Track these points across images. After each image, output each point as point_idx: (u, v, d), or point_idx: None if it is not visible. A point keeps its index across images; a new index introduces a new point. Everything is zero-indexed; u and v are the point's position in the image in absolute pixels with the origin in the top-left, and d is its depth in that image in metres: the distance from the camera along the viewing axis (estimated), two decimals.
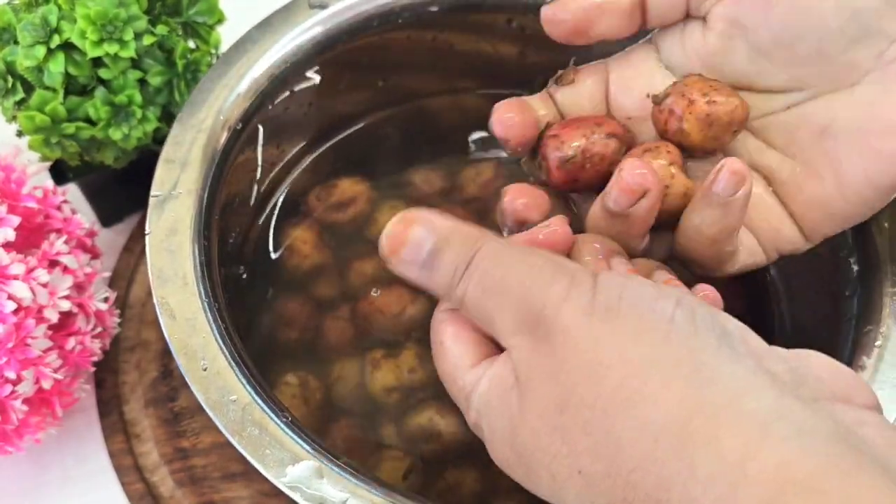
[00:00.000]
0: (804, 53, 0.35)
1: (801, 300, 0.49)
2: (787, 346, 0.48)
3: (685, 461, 0.26)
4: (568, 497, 0.29)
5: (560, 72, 0.39)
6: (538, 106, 0.40)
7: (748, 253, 0.38)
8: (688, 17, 0.38)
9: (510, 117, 0.39)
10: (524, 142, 0.39)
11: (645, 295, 0.29)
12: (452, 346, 0.33)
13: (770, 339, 0.48)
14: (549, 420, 0.29)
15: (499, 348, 0.32)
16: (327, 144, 0.55)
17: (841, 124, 0.36)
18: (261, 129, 0.48)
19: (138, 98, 0.47)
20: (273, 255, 0.51)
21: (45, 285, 0.42)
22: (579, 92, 0.40)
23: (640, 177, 0.33)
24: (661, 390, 0.27)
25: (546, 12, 0.38)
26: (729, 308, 0.50)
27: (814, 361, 0.29)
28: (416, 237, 0.32)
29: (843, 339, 0.40)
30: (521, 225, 0.36)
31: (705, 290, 0.34)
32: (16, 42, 0.46)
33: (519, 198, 0.36)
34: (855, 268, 0.42)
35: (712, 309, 0.29)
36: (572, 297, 0.29)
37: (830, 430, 0.25)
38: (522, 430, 0.29)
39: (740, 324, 0.29)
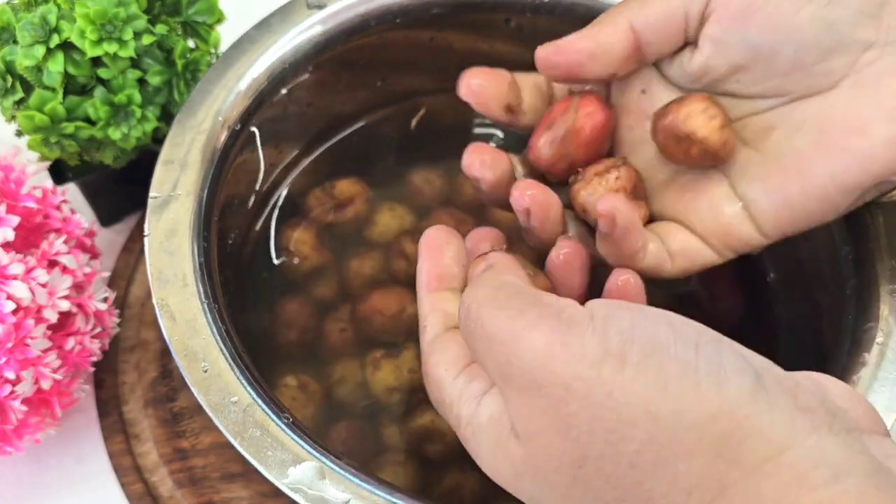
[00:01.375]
0: (781, 65, 0.36)
1: (801, 299, 0.49)
2: (788, 345, 0.48)
3: None
4: None
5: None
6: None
7: (698, 255, 0.39)
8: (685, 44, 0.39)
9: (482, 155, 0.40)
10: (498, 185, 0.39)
11: (660, 339, 0.27)
12: (435, 372, 0.34)
13: (770, 338, 0.48)
14: (567, 473, 0.28)
15: None
16: (326, 145, 0.55)
17: (812, 124, 0.36)
18: (260, 129, 0.48)
19: (138, 98, 0.47)
20: (272, 256, 0.51)
21: (44, 285, 0.42)
22: None
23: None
24: (697, 445, 0.26)
25: (540, 54, 0.39)
26: (729, 308, 0.51)
27: (832, 388, 0.29)
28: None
29: (842, 336, 0.40)
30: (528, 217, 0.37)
31: (625, 273, 0.36)
32: (15, 41, 0.46)
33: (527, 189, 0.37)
34: (854, 266, 0.42)
35: (734, 344, 0.28)
36: (568, 345, 0.27)
37: (865, 469, 0.25)
38: (532, 479, 0.29)
39: (763, 358, 0.28)
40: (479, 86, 0.41)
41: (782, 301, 0.50)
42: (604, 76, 0.39)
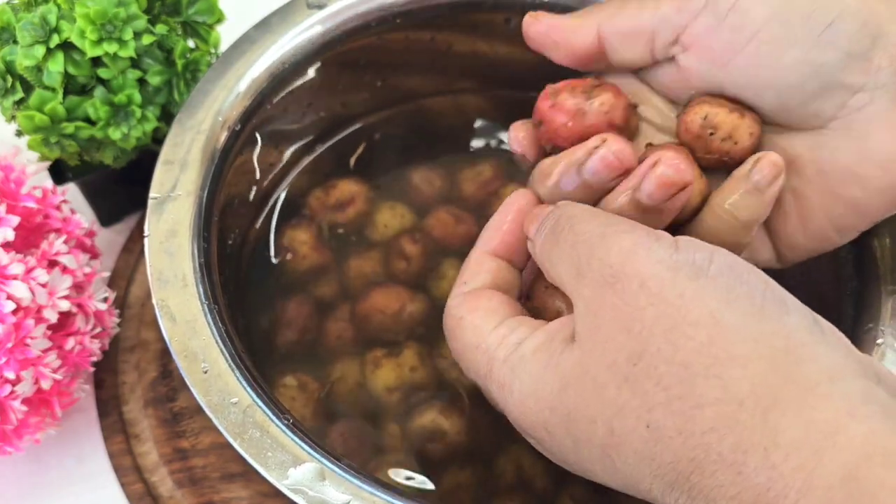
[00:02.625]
0: (766, 105, 0.36)
1: (801, 299, 0.49)
2: None
3: (769, 428, 0.26)
4: (624, 452, 0.28)
5: None
6: None
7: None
8: (655, 62, 0.38)
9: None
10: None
11: (736, 265, 0.29)
12: (471, 317, 0.34)
13: None
14: (619, 371, 0.28)
15: (524, 310, 0.33)
16: (326, 145, 0.55)
17: (804, 164, 0.36)
18: (259, 129, 0.48)
19: (138, 98, 0.47)
20: (272, 256, 0.51)
21: (44, 285, 0.42)
22: None
23: (680, 171, 0.34)
24: (753, 356, 0.27)
25: (525, 20, 0.40)
26: None
27: (877, 365, 0.29)
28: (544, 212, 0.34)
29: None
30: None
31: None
32: (15, 41, 0.46)
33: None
34: (854, 266, 0.42)
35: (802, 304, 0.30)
36: (654, 249, 0.29)
37: None
38: (580, 384, 0.29)
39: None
40: None
41: None
42: (567, 65, 0.39)
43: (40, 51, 0.45)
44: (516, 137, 0.39)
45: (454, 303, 0.35)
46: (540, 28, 0.39)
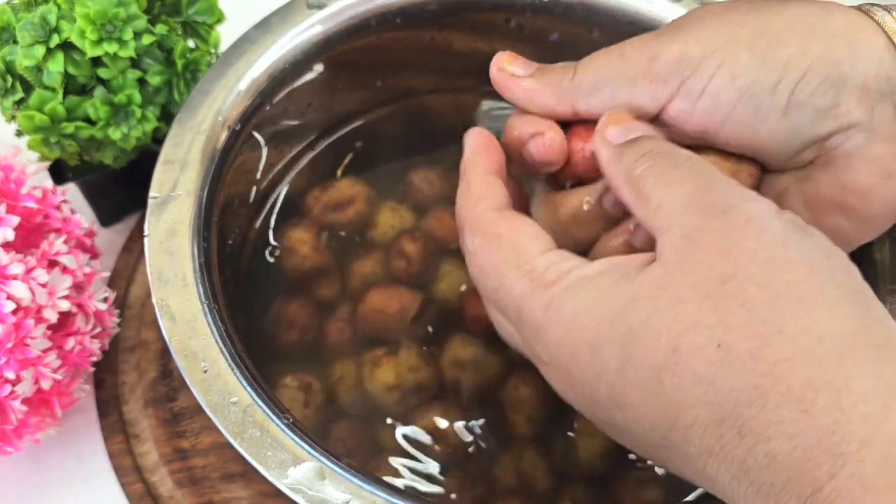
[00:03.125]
0: (755, 153, 0.37)
1: None
2: None
3: (844, 370, 0.26)
4: (681, 373, 0.28)
5: None
6: None
7: None
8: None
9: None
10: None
11: (824, 240, 0.30)
12: (513, 236, 0.33)
13: None
14: (704, 289, 0.28)
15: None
16: (326, 144, 0.55)
17: (790, 196, 0.37)
18: (259, 129, 0.48)
19: (138, 98, 0.47)
20: (272, 256, 0.51)
21: (44, 285, 0.42)
22: None
23: None
24: (839, 301, 0.27)
25: (492, 71, 0.39)
26: None
27: None
28: (635, 126, 0.35)
29: None
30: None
31: None
32: (15, 41, 0.46)
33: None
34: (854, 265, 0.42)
35: None
36: (762, 201, 0.30)
37: None
38: (653, 299, 0.29)
39: None
40: None
41: None
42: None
43: (40, 51, 0.45)
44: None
45: (488, 217, 0.34)
46: (515, 89, 0.38)
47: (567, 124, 0.38)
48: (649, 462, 0.43)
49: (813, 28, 0.35)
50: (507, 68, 0.38)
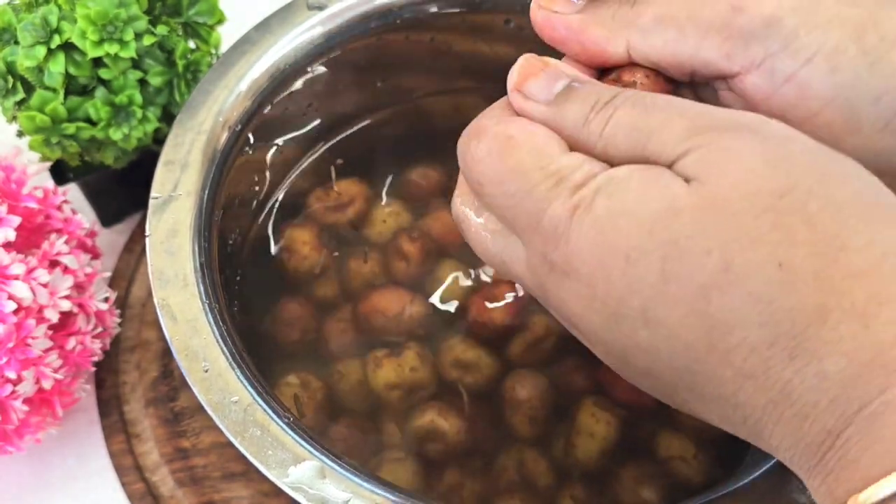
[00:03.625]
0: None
1: None
2: None
3: None
4: (733, 293, 0.25)
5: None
6: None
7: None
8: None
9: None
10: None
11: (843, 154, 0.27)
12: (526, 137, 0.29)
13: None
14: (761, 202, 0.25)
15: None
16: (326, 145, 0.55)
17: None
18: (260, 130, 0.48)
19: (138, 98, 0.47)
20: (273, 256, 0.51)
21: (45, 285, 0.42)
22: None
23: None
24: (892, 215, 0.25)
25: (538, 17, 0.34)
26: None
27: None
28: (552, 72, 0.30)
29: None
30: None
31: None
32: (16, 42, 0.46)
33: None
34: None
35: None
36: (773, 121, 0.27)
37: None
38: (701, 213, 0.26)
39: None
40: None
41: None
42: (580, 62, 0.33)
43: (41, 51, 0.45)
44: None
45: (493, 118, 0.31)
46: (559, 27, 0.33)
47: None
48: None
49: None
50: (551, 6, 0.33)
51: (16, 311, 0.41)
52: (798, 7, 0.30)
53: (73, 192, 0.52)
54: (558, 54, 0.34)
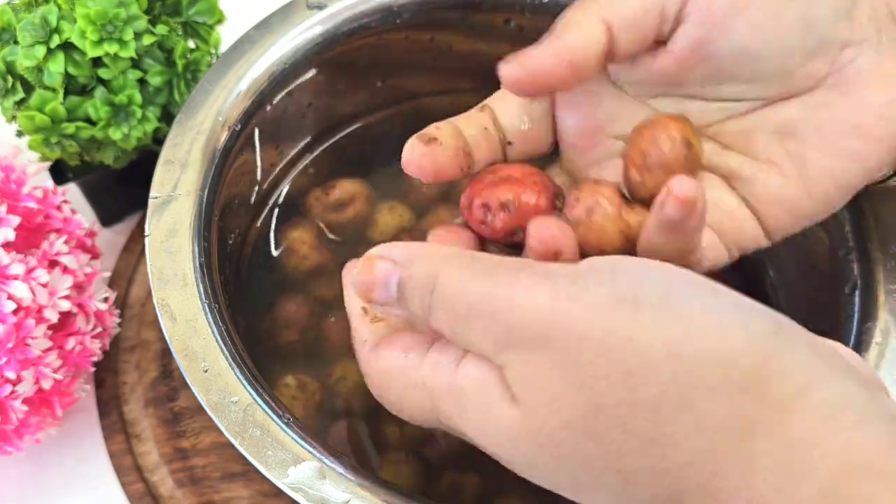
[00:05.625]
0: (764, 70, 0.35)
1: (800, 299, 0.49)
2: None
3: (745, 452, 0.25)
4: (597, 498, 0.28)
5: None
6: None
7: (712, 253, 0.36)
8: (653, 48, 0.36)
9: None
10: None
11: (675, 282, 0.27)
12: (393, 360, 0.32)
13: None
14: (577, 427, 0.26)
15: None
16: (326, 145, 0.55)
17: (801, 126, 0.36)
18: (260, 129, 0.48)
19: (138, 98, 0.47)
20: (273, 256, 0.51)
21: (44, 285, 0.42)
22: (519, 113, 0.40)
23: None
24: (722, 384, 0.25)
25: (504, 73, 0.36)
26: None
27: (842, 351, 0.29)
28: (381, 276, 0.31)
29: (844, 337, 0.40)
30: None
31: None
32: (16, 42, 0.46)
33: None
34: (854, 265, 0.42)
35: (751, 300, 0.28)
36: (578, 297, 0.27)
37: (886, 415, 0.25)
38: (533, 440, 0.27)
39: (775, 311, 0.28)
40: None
41: (782, 301, 0.50)
42: (575, 83, 0.35)
43: (41, 51, 0.45)
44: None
45: (368, 359, 0.33)
46: (532, 67, 0.35)
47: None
48: None
49: None
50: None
51: (15, 311, 0.41)
52: None
53: (72, 191, 0.52)
54: None
